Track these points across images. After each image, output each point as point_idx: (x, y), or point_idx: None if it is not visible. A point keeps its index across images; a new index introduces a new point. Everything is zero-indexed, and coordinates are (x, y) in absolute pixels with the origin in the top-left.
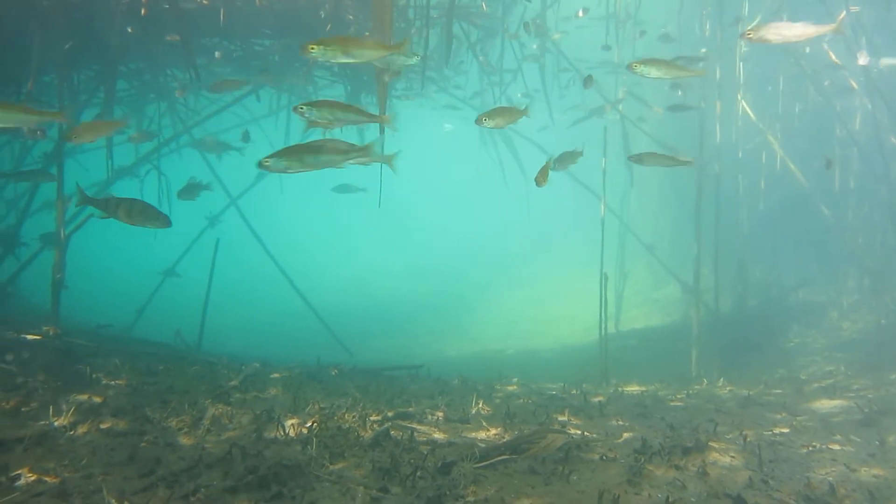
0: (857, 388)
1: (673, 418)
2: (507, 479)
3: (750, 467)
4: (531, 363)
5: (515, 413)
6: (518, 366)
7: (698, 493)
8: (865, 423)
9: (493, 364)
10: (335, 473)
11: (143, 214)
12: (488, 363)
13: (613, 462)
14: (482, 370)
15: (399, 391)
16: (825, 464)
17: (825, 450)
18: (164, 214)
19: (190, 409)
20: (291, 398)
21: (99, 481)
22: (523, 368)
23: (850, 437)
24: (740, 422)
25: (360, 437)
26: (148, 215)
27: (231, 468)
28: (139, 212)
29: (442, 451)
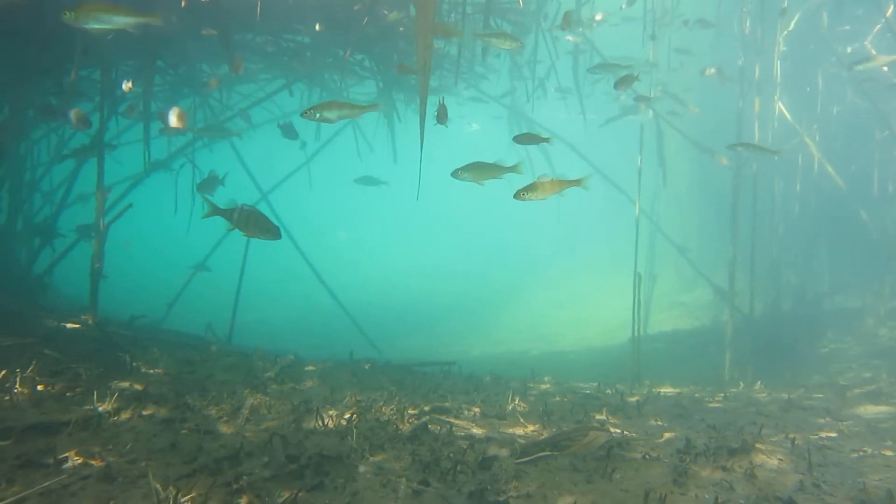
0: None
1: (713, 419)
2: (549, 475)
3: (799, 470)
4: (557, 364)
5: (553, 410)
6: (543, 367)
7: (746, 495)
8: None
9: (519, 365)
10: (375, 465)
11: (258, 226)
12: (514, 364)
13: (657, 461)
14: (509, 370)
15: (434, 386)
16: (879, 469)
17: (878, 455)
18: (276, 226)
19: (228, 398)
20: (328, 390)
21: (143, 466)
22: (549, 369)
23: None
24: (784, 425)
25: (399, 429)
26: (261, 226)
27: (272, 457)
28: (255, 222)
29: (481, 445)
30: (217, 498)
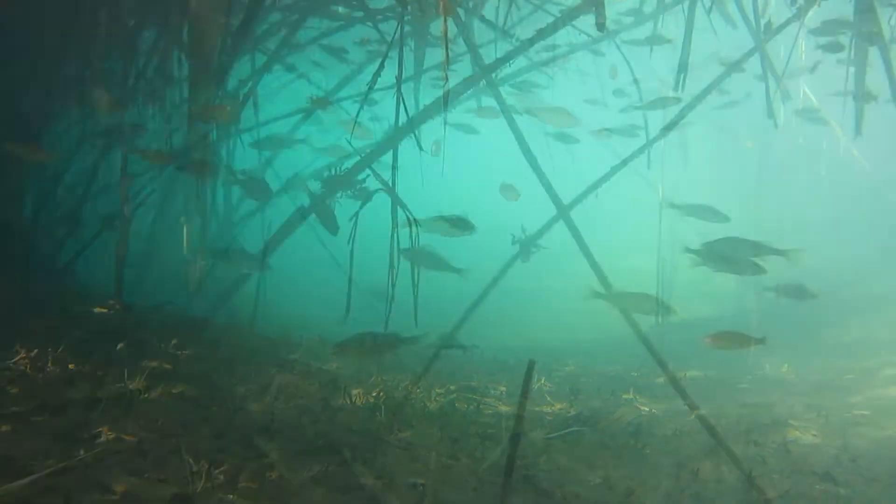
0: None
1: (742, 399)
2: (579, 450)
3: (834, 446)
4: (578, 350)
5: (580, 389)
6: (565, 353)
7: (781, 468)
8: None
9: (540, 351)
10: (404, 440)
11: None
12: (535, 350)
13: (688, 437)
14: (531, 355)
15: (458, 367)
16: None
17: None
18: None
19: (256, 377)
20: (353, 370)
21: (174, 441)
22: (571, 355)
23: None
24: (816, 403)
25: (427, 407)
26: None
27: (302, 433)
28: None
29: (509, 422)
30: (249, 470)
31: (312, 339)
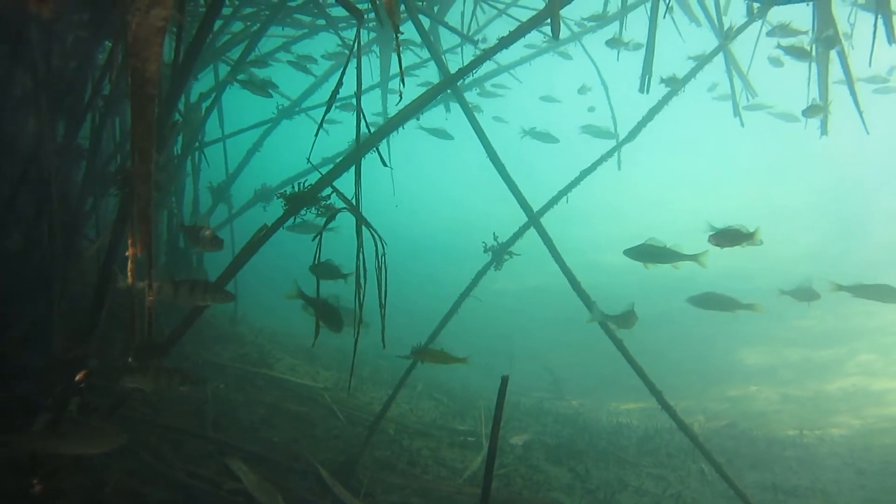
0: None
1: (723, 392)
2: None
3: (813, 436)
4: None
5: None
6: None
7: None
8: None
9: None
10: None
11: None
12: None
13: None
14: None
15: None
16: None
17: None
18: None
19: None
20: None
21: None
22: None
23: None
24: (794, 395)
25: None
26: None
27: None
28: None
29: None
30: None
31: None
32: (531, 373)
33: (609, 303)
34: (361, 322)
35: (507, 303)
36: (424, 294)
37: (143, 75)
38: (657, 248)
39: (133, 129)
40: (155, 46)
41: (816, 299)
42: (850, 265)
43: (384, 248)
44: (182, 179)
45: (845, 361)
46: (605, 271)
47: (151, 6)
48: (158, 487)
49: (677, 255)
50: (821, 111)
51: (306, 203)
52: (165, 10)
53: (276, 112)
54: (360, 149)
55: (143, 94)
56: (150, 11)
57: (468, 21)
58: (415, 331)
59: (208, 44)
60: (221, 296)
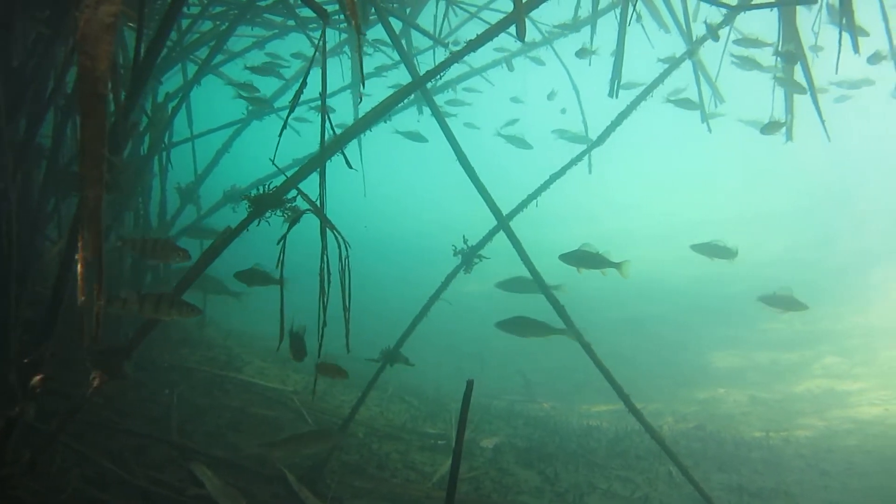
0: None
1: (692, 394)
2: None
3: (779, 438)
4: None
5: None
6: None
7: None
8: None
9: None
10: None
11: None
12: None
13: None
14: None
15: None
16: None
17: None
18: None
19: None
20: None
21: None
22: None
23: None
24: (761, 397)
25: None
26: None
27: None
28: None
29: None
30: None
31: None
32: (503, 375)
33: (582, 306)
34: (325, 325)
35: (479, 304)
36: (397, 296)
37: (93, 74)
38: (589, 253)
39: (82, 130)
40: (104, 44)
41: (802, 309)
42: (820, 271)
43: (348, 251)
44: (149, 180)
45: (811, 364)
46: (576, 273)
47: (101, 2)
48: (118, 494)
49: (605, 262)
50: (779, 128)
51: (271, 205)
52: (114, 7)
53: (245, 112)
54: (324, 152)
55: (93, 93)
56: (98, 7)
57: (440, 24)
58: (386, 333)
59: (176, 42)
60: (188, 310)
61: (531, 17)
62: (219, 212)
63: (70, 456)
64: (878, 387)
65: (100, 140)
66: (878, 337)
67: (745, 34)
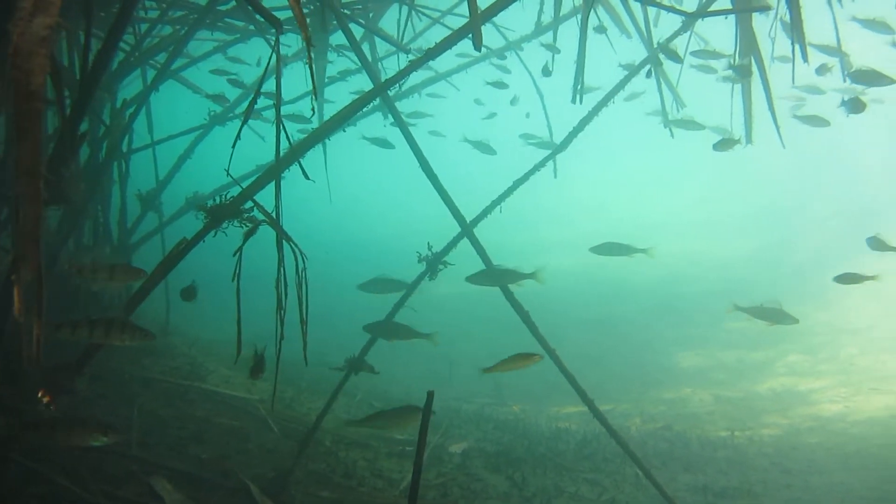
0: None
1: (659, 394)
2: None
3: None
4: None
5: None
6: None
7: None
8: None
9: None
10: None
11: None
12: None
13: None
14: None
15: None
16: None
17: None
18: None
19: None
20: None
21: None
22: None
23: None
24: (725, 395)
25: None
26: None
27: None
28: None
29: None
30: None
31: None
32: (474, 378)
33: (551, 306)
34: (283, 338)
35: (450, 306)
36: (367, 298)
37: (27, 88)
38: (500, 270)
39: (18, 146)
40: (39, 57)
41: (793, 323)
42: (784, 270)
43: (305, 263)
44: (108, 187)
45: (775, 362)
46: (548, 276)
47: (35, 13)
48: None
49: (518, 276)
50: (732, 144)
51: (227, 216)
52: (50, 19)
53: (207, 118)
54: (279, 163)
55: (28, 109)
56: (33, 19)
57: (402, 29)
58: (358, 335)
59: (134, 47)
60: (140, 335)
61: (494, 23)
62: (181, 219)
63: (22, 474)
64: (839, 384)
65: (36, 156)
66: (839, 334)
67: (705, 38)
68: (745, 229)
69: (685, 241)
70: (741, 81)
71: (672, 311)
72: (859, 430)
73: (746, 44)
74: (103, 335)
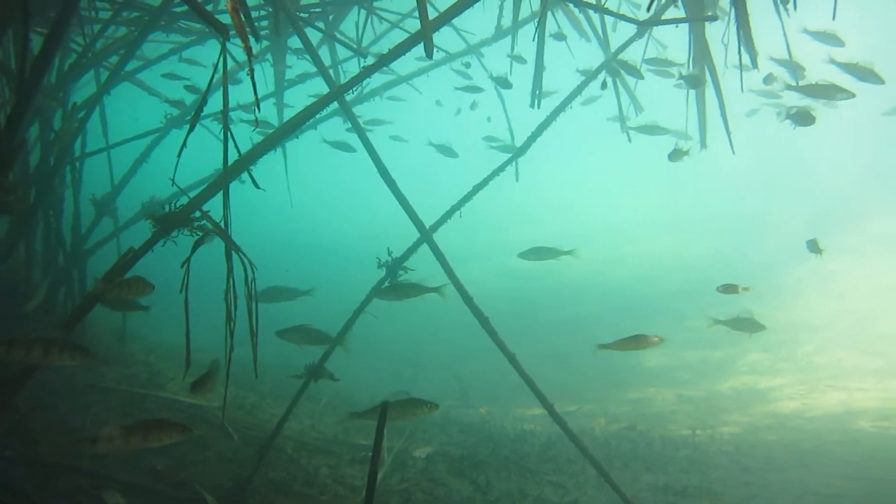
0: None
1: (625, 394)
2: None
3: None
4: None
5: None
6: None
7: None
8: None
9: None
10: None
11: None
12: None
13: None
14: None
15: None
16: None
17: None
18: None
19: None
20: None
21: None
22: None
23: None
24: (687, 395)
25: None
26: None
27: None
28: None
29: None
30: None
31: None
32: (440, 380)
33: (522, 307)
34: (233, 350)
35: (418, 308)
36: (336, 300)
37: None
38: (406, 285)
39: None
40: None
41: (761, 330)
42: (742, 268)
43: (254, 274)
44: (61, 192)
45: (736, 361)
46: (516, 276)
47: None
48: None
49: (422, 290)
50: (681, 156)
51: (177, 225)
52: None
53: (164, 121)
54: (227, 172)
55: None
56: None
57: (361, 33)
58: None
59: (86, 48)
60: (80, 355)
61: (453, 25)
62: (138, 224)
63: None
64: (796, 382)
65: None
66: (798, 332)
67: (663, 43)
68: (706, 231)
69: (650, 243)
70: (696, 90)
71: (638, 311)
72: (815, 426)
73: (700, 51)
74: (41, 356)
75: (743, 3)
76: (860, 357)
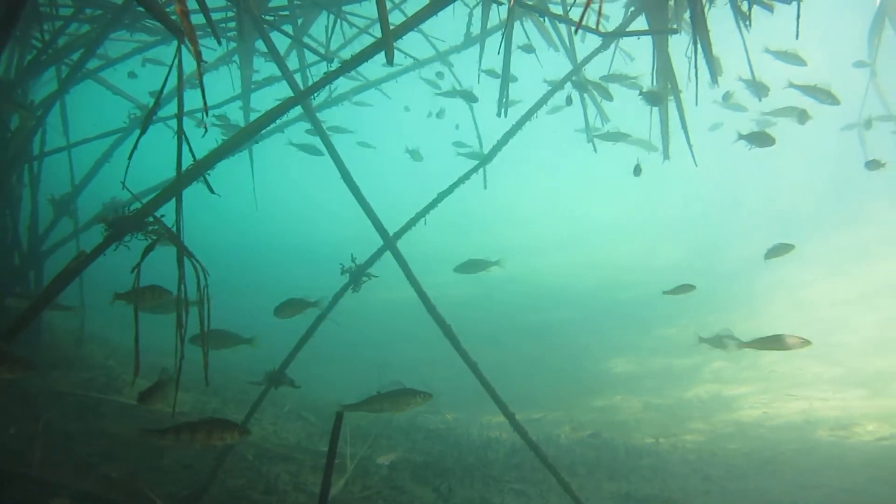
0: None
1: (590, 402)
2: None
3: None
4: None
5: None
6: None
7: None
8: None
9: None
10: None
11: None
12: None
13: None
14: None
15: None
16: None
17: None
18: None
19: None
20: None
21: None
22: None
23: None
24: (654, 403)
25: None
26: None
27: None
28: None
29: None
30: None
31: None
32: (407, 385)
33: (493, 311)
34: (183, 357)
35: (388, 311)
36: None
37: None
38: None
39: None
40: None
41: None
42: (712, 277)
43: (206, 280)
44: (18, 191)
45: (701, 369)
46: (485, 282)
47: None
48: None
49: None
50: (640, 171)
51: (130, 229)
52: None
53: (127, 121)
54: (181, 178)
55: None
56: None
57: (329, 37)
58: (288, 347)
59: (46, 44)
60: (20, 368)
61: (422, 30)
62: (98, 226)
63: None
64: (759, 391)
65: None
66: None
67: (631, 54)
68: (675, 237)
69: (620, 248)
70: (655, 105)
71: (606, 317)
72: (776, 435)
73: (663, 63)
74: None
75: (701, 16)
76: (821, 366)
